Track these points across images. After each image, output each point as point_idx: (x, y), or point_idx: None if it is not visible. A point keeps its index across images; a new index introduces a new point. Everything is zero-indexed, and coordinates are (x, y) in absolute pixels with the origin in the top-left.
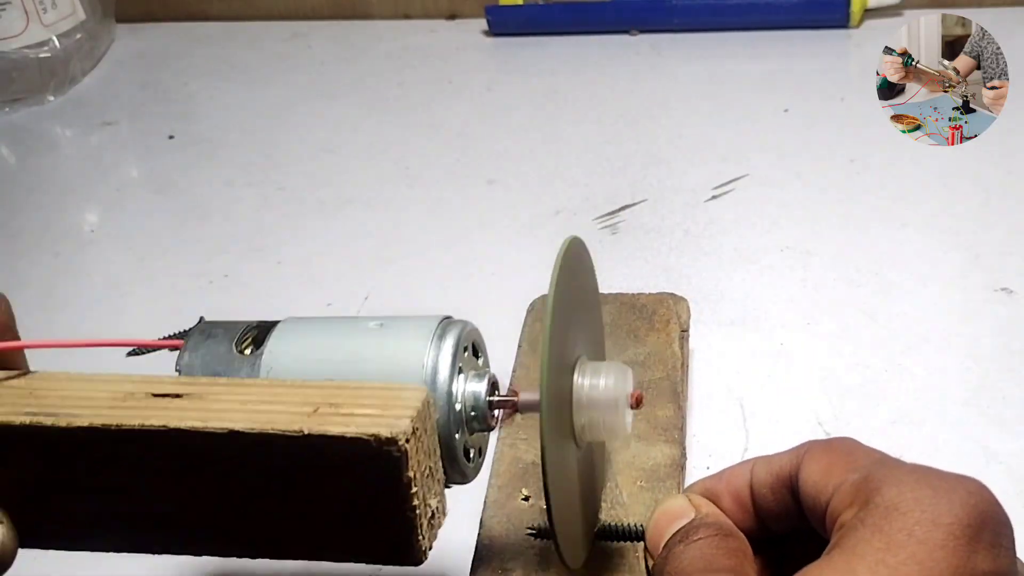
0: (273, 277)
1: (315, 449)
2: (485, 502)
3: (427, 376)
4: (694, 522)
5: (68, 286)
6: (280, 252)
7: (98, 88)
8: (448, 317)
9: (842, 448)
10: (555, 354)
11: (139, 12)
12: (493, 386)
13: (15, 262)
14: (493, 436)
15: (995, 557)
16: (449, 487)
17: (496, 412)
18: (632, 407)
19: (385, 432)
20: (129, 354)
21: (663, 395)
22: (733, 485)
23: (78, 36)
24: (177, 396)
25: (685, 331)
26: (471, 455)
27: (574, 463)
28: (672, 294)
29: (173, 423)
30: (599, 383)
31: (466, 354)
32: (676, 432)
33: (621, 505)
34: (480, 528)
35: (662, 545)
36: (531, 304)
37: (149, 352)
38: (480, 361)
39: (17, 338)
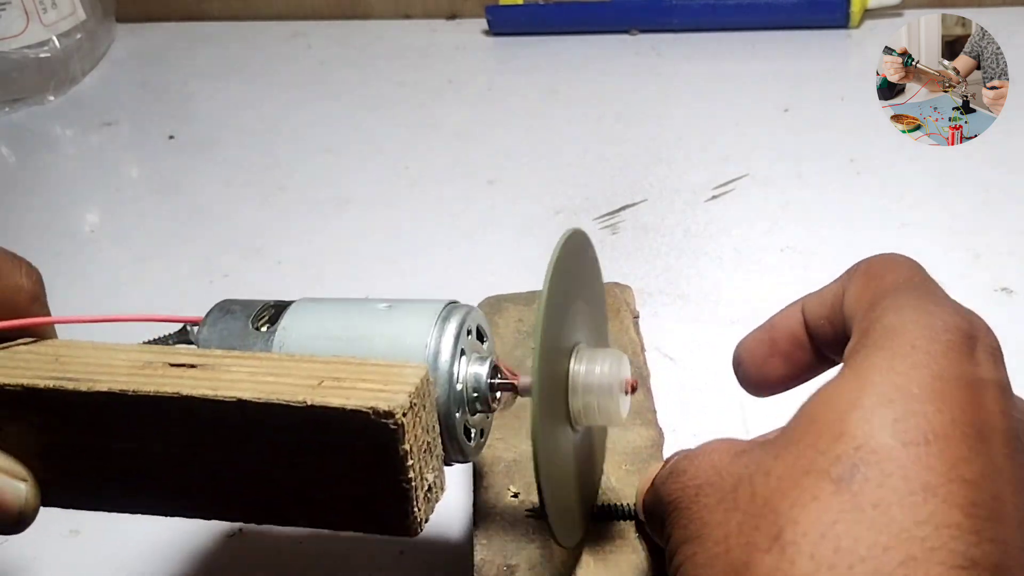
0: (273, 277)
1: (316, 419)
2: (474, 505)
3: (429, 357)
4: None
5: (68, 286)
6: (280, 252)
7: (98, 88)
8: (454, 302)
9: (878, 269)
10: (549, 340)
11: (139, 12)
12: (495, 369)
13: None
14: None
15: (995, 368)
16: (450, 465)
17: (498, 394)
18: (627, 393)
19: (383, 405)
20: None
21: None
22: (786, 328)
23: (78, 36)
24: (192, 366)
25: (636, 317)
26: (472, 435)
27: (570, 445)
28: (616, 283)
29: (185, 391)
30: (595, 369)
31: (470, 337)
32: (650, 414)
33: (611, 490)
34: (476, 529)
35: None
36: (478, 306)
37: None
38: (485, 346)
39: (47, 308)
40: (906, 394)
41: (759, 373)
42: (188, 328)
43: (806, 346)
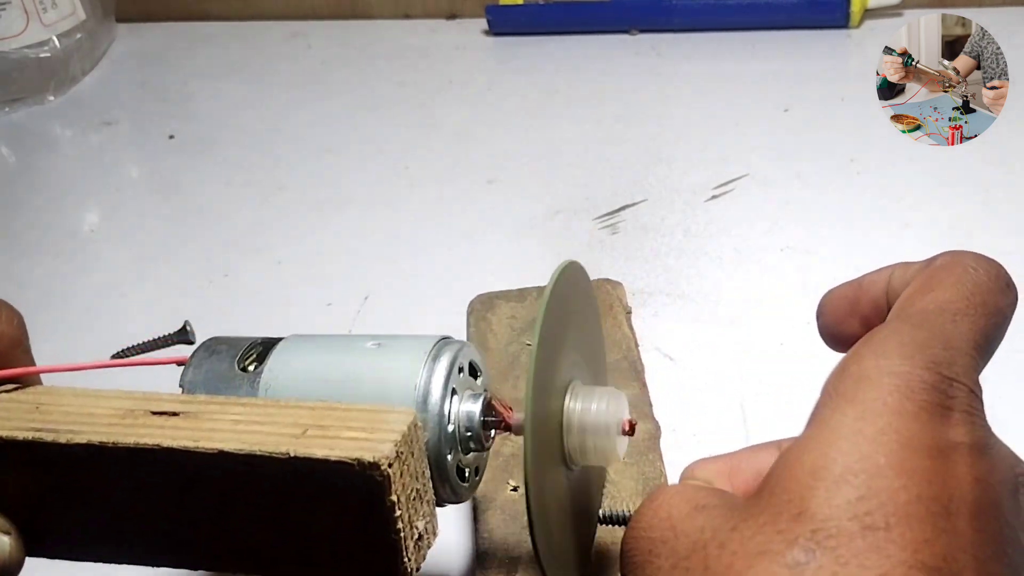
0: (273, 277)
1: (300, 471)
2: (475, 498)
3: (419, 398)
4: None
5: (68, 286)
6: (280, 252)
7: (98, 88)
8: (446, 337)
9: (942, 275)
10: (542, 377)
11: (139, 12)
12: (488, 406)
13: (15, 262)
14: None
15: (971, 429)
16: (443, 506)
17: (491, 432)
18: (625, 433)
19: (368, 456)
20: (114, 356)
21: (625, 375)
22: (871, 291)
23: (78, 36)
24: (174, 414)
25: (629, 312)
26: (466, 474)
27: (564, 484)
28: (608, 280)
29: (166, 442)
30: (591, 407)
31: (461, 375)
32: (646, 407)
33: (611, 483)
34: (475, 523)
35: None
36: (469, 305)
37: (135, 354)
38: (479, 381)
39: (30, 354)
40: (872, 466)
41: (837, 328)
42: (188, 328)
43: (884, 314)
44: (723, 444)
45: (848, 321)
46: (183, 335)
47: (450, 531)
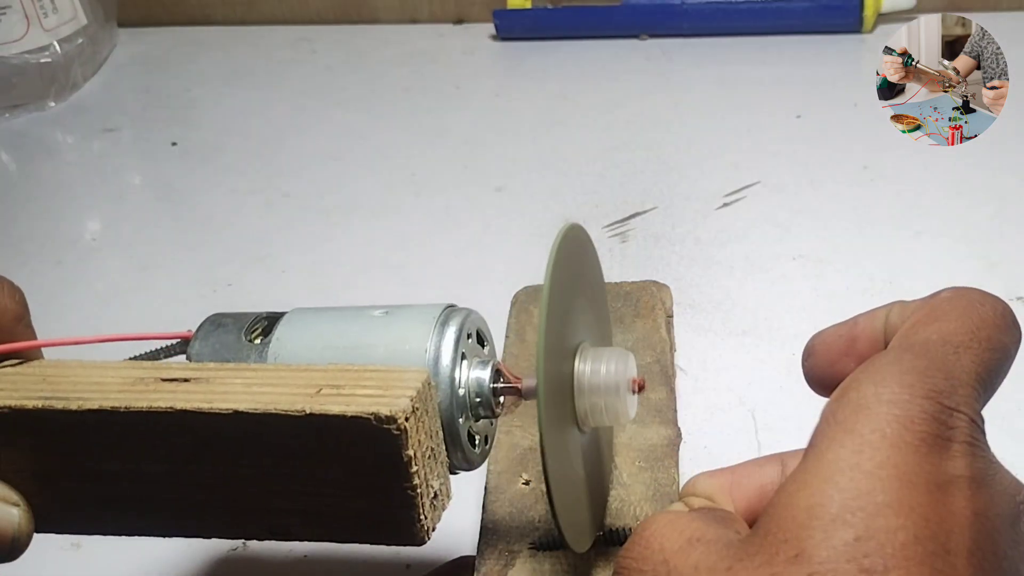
0: (277, 286)
1: (317, 428)
2: (486, 488)
3: (429, 362)
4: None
5: (70, 294)
6: (285, 260)
7: (100, 94)
8: (452, 305)
9: (945, 307)
10: (553, 340)
11: (141, 16)
12: (498, 373)
13: (16, 270)
14: None
15: (971, 461)
16: (456, 473)
17: (501, 399)
18: (634, 392)
19: (385, 410)
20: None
21: (654, 379)
22: (869, 329)
23: (79, 41)
24: (185, 380)
25: (670, 317)
26: (476, 441)
27: (578, 447)
28: (655, 281)
29: (179, 405)
30: (600, 368)
31: (470, 341)
32: (670, 413)
33: (622, 485)
34: (483, 513)
35: None
36: (514, 296)
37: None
38: (486, 349)
39: (32, 328)
40: (870, 503)
41: (829, 370)
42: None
43: None
44: (735, 455)
45: (843, 361)
46: (186, 346)
47: (456, 520)
